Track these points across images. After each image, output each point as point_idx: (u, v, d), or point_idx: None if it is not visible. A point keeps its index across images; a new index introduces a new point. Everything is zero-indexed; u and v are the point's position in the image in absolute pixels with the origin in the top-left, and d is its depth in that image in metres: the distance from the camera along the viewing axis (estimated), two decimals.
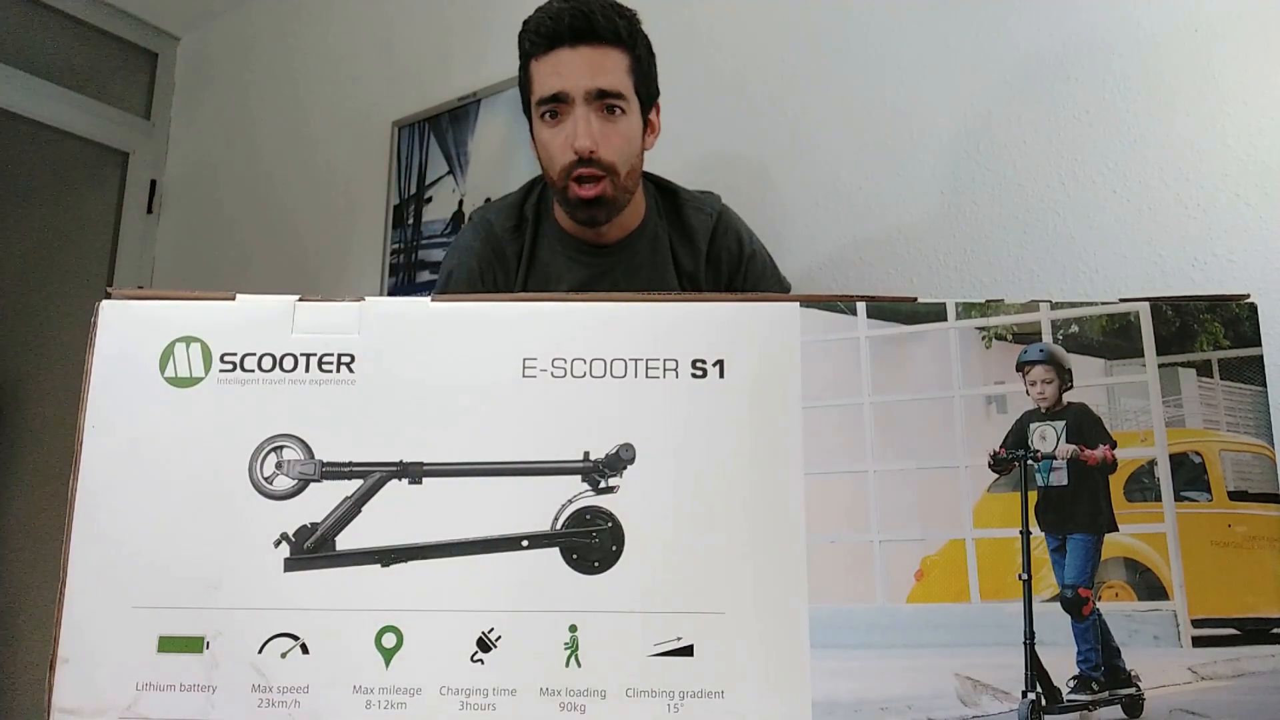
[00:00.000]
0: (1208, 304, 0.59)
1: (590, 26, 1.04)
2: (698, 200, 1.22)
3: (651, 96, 1.13)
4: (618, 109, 1.07)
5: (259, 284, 2.30)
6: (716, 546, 0.56)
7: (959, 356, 0.59)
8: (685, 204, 1.20)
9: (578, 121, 1.05)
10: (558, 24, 1.04)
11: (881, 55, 1.44)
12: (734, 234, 1.21)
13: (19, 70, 2.39)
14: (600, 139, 1.05)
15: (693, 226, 1.19)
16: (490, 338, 0.59)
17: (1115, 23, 1.24)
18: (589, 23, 1.04)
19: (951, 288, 1.32)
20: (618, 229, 1.15)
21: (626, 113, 1.07)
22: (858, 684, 0.55)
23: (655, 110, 1.15)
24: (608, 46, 1.05)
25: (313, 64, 2.37)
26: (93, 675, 0.54)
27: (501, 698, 0.54)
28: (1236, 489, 0.58)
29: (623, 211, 1.12)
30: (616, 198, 1.09)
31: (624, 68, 1.07)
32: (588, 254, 1.16)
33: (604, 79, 1.05)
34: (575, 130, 1.05)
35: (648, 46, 1.11)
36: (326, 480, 0.57)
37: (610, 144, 1.06)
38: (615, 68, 1.06)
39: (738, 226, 1.22)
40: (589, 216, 1.11)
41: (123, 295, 0.59)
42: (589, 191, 1.07)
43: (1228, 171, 1.14)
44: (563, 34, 1.04)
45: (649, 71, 1.11)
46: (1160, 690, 0.55)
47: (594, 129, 1.05)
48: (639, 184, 1.15)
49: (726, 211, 1.23)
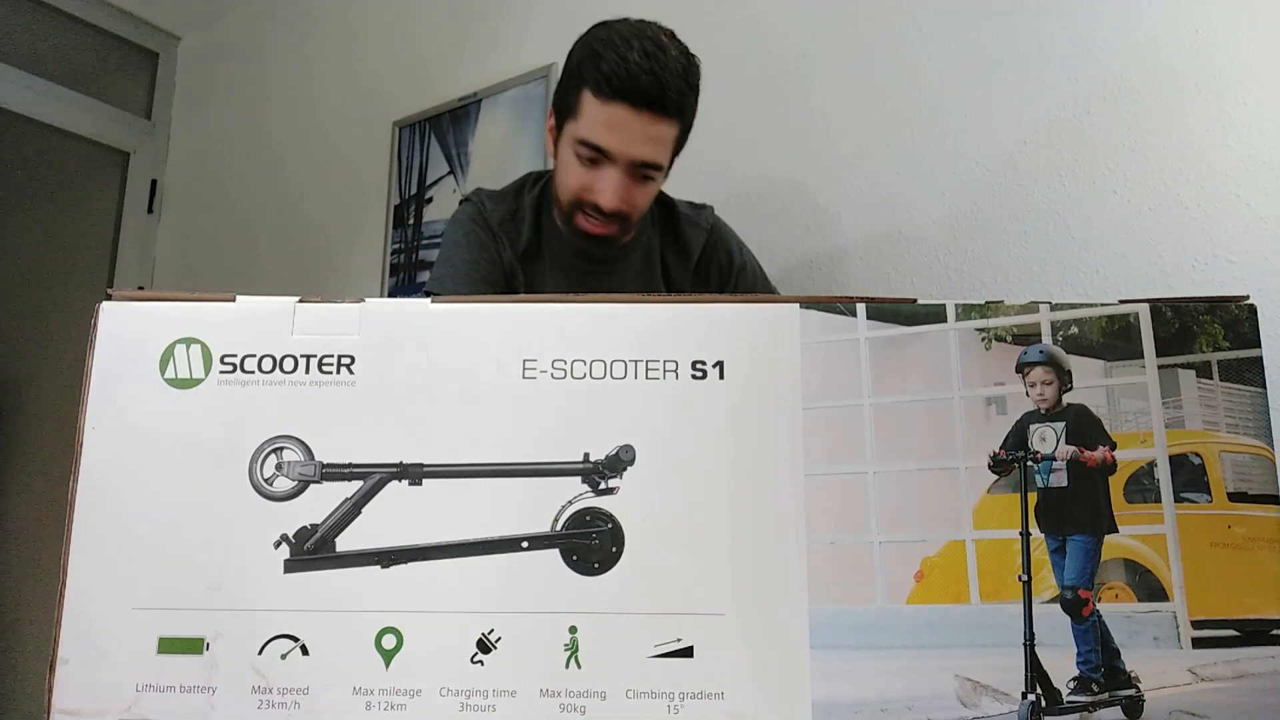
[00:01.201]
0: (1207, 305, 0.59)
1: (662, 97, 1.00)
2: (693, 216, 1.22)
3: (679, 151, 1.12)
4: (651, 177, 1.07)
5: (259, 284, 2.30)
6: (716, 548, 0.56)
7: (959, 358, 0.59)
8: (682, 219, 1.20)
9: (611, 181, 1.04)
10: (633, 81, 0.99)
11: (881, 56, 1.44)
12: (725, 247, 1.21)
13: (20, 70, 2.39)
14: (628, 198, 1.05)
15: (688, 240, 1.19)
16: (490, 339, 0.59)
17: (1116, 24, 1.24)
18: (663, 93, 1.00)
19: (951, 289, 1.32)
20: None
21: (657, 179, 1.08)
22: (857, 685, 0.55)
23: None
24: (668, 119, 1.03)
25: (314, 64, 2.37)
26: (93, 676, 0.54)
27: (501, 699, 0.54)
28: (1236, 490, 0.58)
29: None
30: (620, 238, 1.11)
31: (672, 138, 1.05)
32: (583, 261, 1.15)
33: (650, 153, 1.03)
34: (605, 188, 1.04)
35: (695, 107, 1.08)
36: (326, 481, 0.57)
37: (635, 202, 1.07)
38: (665, 139, 1.04)
39: (729, 239, 1.22)
40: (587, 249, 1.11)
41: (123, 296, 0.59)
42: (598, 229, 1.08)
43: (1228, 172, 1.14)
44: (633, 94, 1.00)
45: (688, 134, 1.09)
46: (1160, 691, 0.55)
47: (623, 191, 1.04)
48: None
49: (720, 224, 1.23)
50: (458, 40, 2.04)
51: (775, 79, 1.54)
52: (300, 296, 0.60)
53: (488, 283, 1.13)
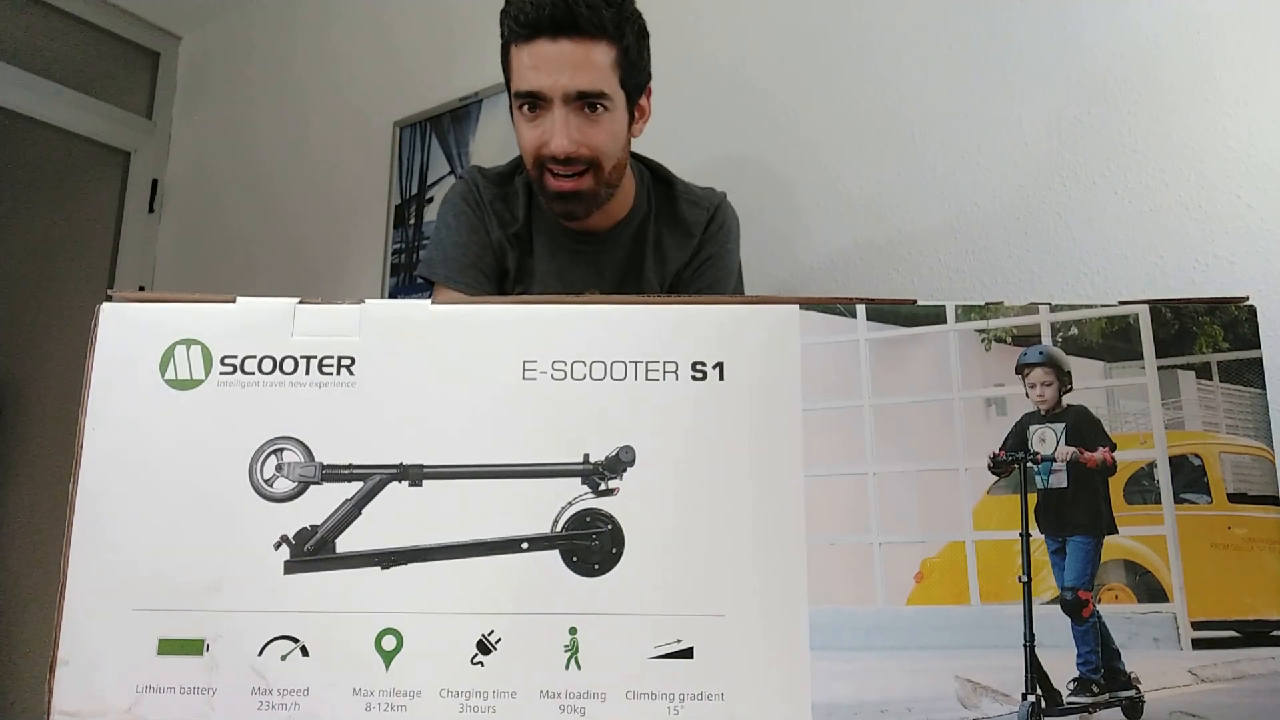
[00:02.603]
0: (1207, 306, 0.59)
1: (572, 18, 0.96)
2: (694, 194, 1.18)
3: (640, 85, 1.07)
4: (600, 106, 1.01)
5: (260, 284, 2.30)
6: (717, 549, 0.56)
7: (959, 359, 0.59)
8: (680, 196, 1.16)
9: (555, 123, 1.00)
10: (538, 12, 0.97)
11: (882, 58, 1.44)
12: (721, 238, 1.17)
13: (21, 69, 2.39)
14: (580, 138, 1.01)
15: (686, 219, 1.15)
16: (490, 340, 0.59)
17: (1116, 24, 1.24)
18: (571, 13, 0.96)
19: (951, 290, 1.32)
20: (604, 217, 1.12)
21: (610, 109, 1.02)
22: (858, 686, 0.55)
23: (646, 94, 1.10)
24: (592, 40, 0.98)
25: (315, 64, 2.37)
26: (92, 677, 0.54)
27: (501, 700, 0.54)
28: (1236, 491, 0.58)
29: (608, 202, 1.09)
30: (598, 192, 1.05)
31: (608, 62, 1.00)
32: (573, 240, 1.13)
33: (584, 79, 0.99)
34: (552, 130, 1.00)
35: (639, 30, 1.04)
36: (326, 483, 0.57)
37: (591, 141, 1.02)
38: (599, 63, 0.99)
39: (728, 233, 1.17)
40: (565, 210, 1.07)
41: (123, 298, 0.59)
42: (565, 185, 1.03)
43: (1228, 173, 1.14)
44: (543, 24, 0.97)
45: (638, 60, 1.04)
46: (1160, 692, 0.55)
47: (572, 130, 1.00)
48: (625, 174, 1.10)
49: (725, 209, 1.18)
50: (458, 40, 2.04)
51: (775, 79, 1.54)
52: (300, 297, 0.60)
53: (477, 267, 1.12)
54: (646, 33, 1.07)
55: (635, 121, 1.09)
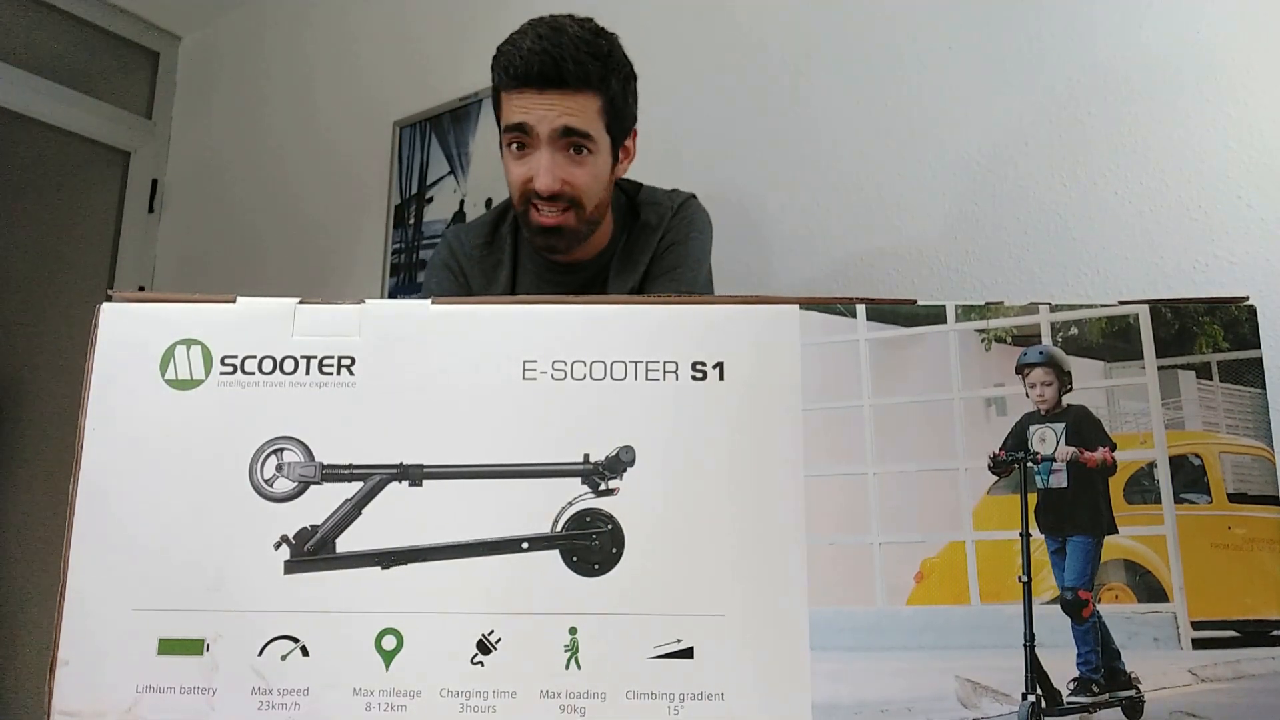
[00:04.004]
0: (1207, 306, 0.59)
1: (559, 75, 1.00)
2: (656, 195, 1.19)
3: (625, 129, 1.10)
4: (585, 149, 1.04)
5: (260, 284, 2.30)
6: (716, 549, 0.56)
7: (958, 359, 0.59)
8: (642, 203, 1.18)
9: (541, 161, 1.03)
10: (527, 67, 1.00)
11: (883, 59, 1.44)
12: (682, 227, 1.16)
13: (20, 69, 2.39)
14: (565, 175, 1.03)
15: (647, 220, 1.17)
16: (490, 340, 0.59)
17: (1116, 26, 1.24)
18: (558, 71, 1.00)
19: (952, 290, 1.32)
20: (586, 249, 1.14)
21: (594, 152, 1.05)
22: (858, 686, 0.55)
23: (632, 137, 1.12)
24: (577, 93, 1.02)
25: (314, 64, 2.37)
26: (93, 677, 0.54)
27: (501, 700, 0.54)
28: (1236, 491, 0.58)
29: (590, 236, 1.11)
30: (579, 229, 1.08)
31: (594, 110, 1.03)
32: (558, 272, 1.15)
33: (571, 119, 1.02)
34: (538, 168, 1.03)
35: (625, 77, 1.07)
36: (326, 483, 0.57)
37: (574, 180, 1.04)
38: (584, 109, 1.03)
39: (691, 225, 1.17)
40: (547, 244, 1.09)
41: (123, 297, 0.59)
42: (549, 220, 1.06)
43: (1229, 174, 1.14)
44: (531, 78, 1.01)
45: (623, 107, 1.08)
46: (1160, 692, 0.55)
47: (557, 169, 1.03)
48: (607, 212, 1.13)
49: (691, 207, 1.18)
50: (458, 40, 2.04)
51: (773, 79, 1.54)
52: (300, 297, 0.60)
53: None
54: (633, 76, 1.09)
55: (620, 163, 1.12)
